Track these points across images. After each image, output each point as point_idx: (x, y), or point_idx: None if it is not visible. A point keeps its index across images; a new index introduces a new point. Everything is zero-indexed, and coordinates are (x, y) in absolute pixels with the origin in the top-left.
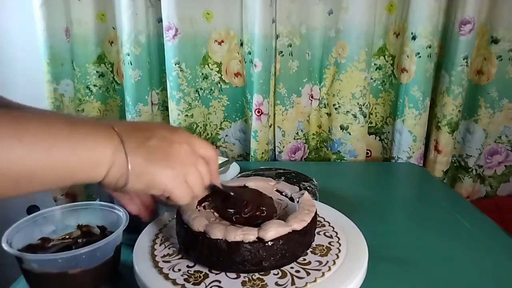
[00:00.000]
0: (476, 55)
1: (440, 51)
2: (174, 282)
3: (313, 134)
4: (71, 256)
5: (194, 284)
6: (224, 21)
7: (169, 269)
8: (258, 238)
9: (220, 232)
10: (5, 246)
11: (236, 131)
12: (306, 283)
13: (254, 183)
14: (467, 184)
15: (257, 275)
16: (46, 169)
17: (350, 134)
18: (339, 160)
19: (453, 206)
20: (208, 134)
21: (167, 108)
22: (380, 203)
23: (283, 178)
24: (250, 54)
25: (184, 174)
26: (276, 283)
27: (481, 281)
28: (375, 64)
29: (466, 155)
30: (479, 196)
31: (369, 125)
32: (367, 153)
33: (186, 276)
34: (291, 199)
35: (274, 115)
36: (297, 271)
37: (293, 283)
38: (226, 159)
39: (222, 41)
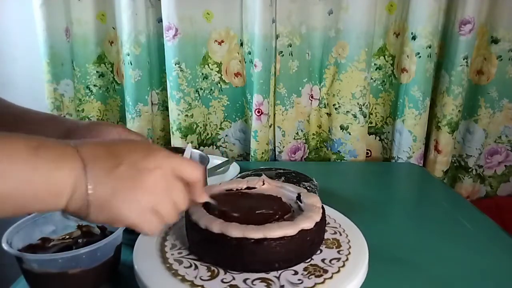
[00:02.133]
0: (476, 55)
1: (440, 51)
2: (183, 279)
3: (313, 134)
4: (71, 256)
5: (207, 280)
6: (224, 21)
7: (180, 266)
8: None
9: (238, 231)
10: (5, 246)
11: (236, 131)
12: (315, 283)
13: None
14: (467, 184)
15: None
16: None
17: (350, 134)
18: (339, 160)
19: (453, 206)
20: (208, 134)
21: (167, 108)
22: (380, 203)
23: (283, 178)
24: (250, 54)
25: (152, 205)
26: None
27: (481, 281)
28: (375, 64)
29: (466, 155)
30: (479, 196)
31: (369, 125)
32: (367, 153)
33: (199, 274)
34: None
35: (274, 115)
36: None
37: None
38: (226, 159)
39: (222, 41)
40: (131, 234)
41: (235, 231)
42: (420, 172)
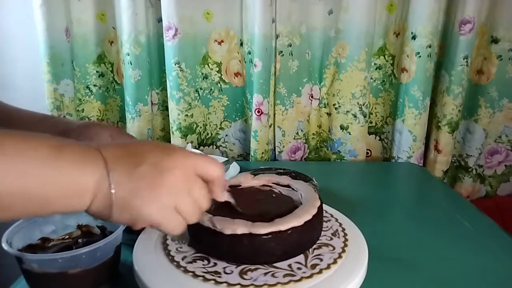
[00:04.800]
0: (476, 55)
1: (440, 51)
2: (194, 275)
3: (313, 134)
4: (71, 256)
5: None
6: (224, 21)
7: (181, 265)
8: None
9: (244, 227)
10: (5, 246)
11: (236, 131)
12: (312, 274)
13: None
14: (467, 184)
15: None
16: (18, 196)
17: (350, 134)
18: (339, 160)
19: (453, 206)
20: (208, 134)
21: (167, 108)
22: (380, 203)
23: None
24: (250, 54)
25: (173, 204)
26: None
27: (481, 281)
28: (375, 64)
29: (466, 155)
30: (479, 196)
31: (369, 125)
32: (367, 153)
33: (205, 270)
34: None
35: (274, 115)
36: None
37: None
38: (226, 159)
39: (222, 41)
40: (131, 234)
41: (226, 226)
42: (420, 172)
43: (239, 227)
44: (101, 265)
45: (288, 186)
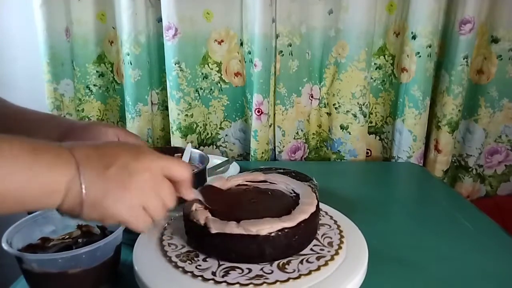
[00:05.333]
0: (476, 55)
1: (440, 51)
2: (193, 275)
3: (313, 133)
4: (71, 256)
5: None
6: (224, 20)
7: (181, 265)
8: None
9: (238, 228)
10: (5, 246)
11: (236, 130)
12: (310, 270)
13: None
14: (467, 183)
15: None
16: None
17: (350, 133)
18: (339, 160)
19: (453, 206)
20: (208, 134)
21: (167, 108)
22: (380, 203)
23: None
24: (250, 53)
25: (141, 204)
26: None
27: (481, 281)
28: (375, 63)
29: (466, 155)
30: (479, 196)
31: (369, 124)
32: (367, 152)
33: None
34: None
35: (274, 114)
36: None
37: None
38: (226, 158)
39: (222, 41)
40: (131, 234)
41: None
42: (420, 172)
43: (234, 228)
44: (101, 265)
45: (264, 181)
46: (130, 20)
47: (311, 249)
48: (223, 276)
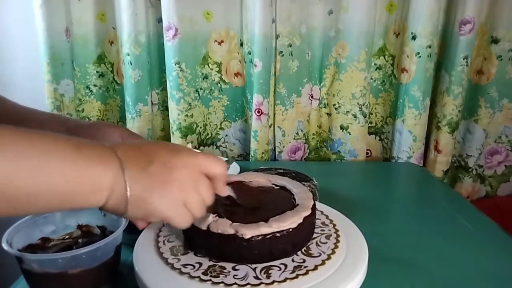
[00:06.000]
0: (476, 55)
1: (440, 51)
2: (190, 276)
3: (313, 134)
4: (71, 256)
5: (213, 276)
6: (224, 21)
7: (182, 265)
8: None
9: (232, 228)
10: (5, 246)
11: (236, 131)
12: (307, 270)
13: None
14: (467, 184)
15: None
16: (46, 193)
17: (350, 134)
18: (339, 160)
19: (453, 206)
20: (208, 134)
21: (167, 108)
22: (380, 203)
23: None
24: (250, 54)
25: (182, 200)
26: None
27: (481, 281)
28: (375, 64)
29: (466, 155)
30: (479, 196)
31: (369, 125)
32: (367, 153)
33: (202, 270)
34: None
35: (274, 115)
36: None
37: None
38: (226, 159)
39: (222, 41)
40: (131, 234)
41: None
42: (420, 172)
43: (227, 228)
44: (101, 265)
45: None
46: (130, 20)
47: (309, 249)
48: (214, 276)
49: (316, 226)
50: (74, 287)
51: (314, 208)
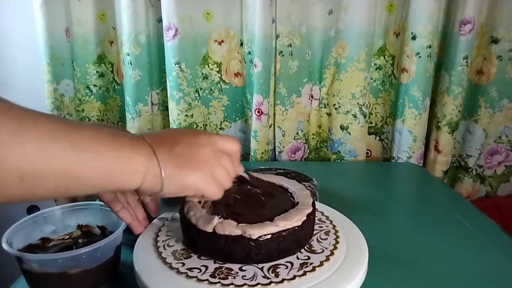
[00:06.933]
0: (476, 55)
1: (440, 51)
2: (186, 275)
3: (313, 134)
4: (71, 256)
5: (222, 278)
6: (224, 21)
7: (187, 269)
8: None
9: (238, 229)
10: (5, 246)
11: (236, 131)
12: (314, 267)
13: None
14: (467, 184)
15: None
16: (92, 174)
17: (350, 134)
18: (339, 160)
19: (453, 206)
20: None
21: (167, 108)
22: (380, 203)
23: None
24: (250, 54)
25: (211, 173)
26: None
27: (481, 281)
28: (375, 64)
29: (466, 155)
30: (479, 196)
31: (369, 125)
32: (367, 153)
33: (209, 273)
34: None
35: (274, 115)
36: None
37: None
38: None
39: (222, 41)
40: (131, 234)
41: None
42: (420, 172)
43: (233, 229)
44: (101, 265)
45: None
46: (130, 20)
47: (311, 246)
48: (222, 278)
49: None
50: (74, 287)
51: (314, 205)
